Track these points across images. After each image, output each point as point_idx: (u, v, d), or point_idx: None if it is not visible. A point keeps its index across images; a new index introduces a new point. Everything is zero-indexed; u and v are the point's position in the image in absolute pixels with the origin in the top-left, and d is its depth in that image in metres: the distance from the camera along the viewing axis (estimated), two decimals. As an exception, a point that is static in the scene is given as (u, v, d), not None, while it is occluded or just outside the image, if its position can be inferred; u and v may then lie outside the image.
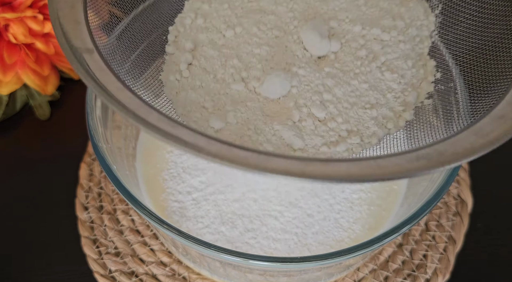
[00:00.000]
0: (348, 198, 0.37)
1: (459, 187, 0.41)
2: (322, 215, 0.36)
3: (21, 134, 0.46)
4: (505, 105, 0.23)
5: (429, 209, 0.29)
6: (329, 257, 0.27)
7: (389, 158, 0.21)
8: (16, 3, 0.43)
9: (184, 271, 0.37)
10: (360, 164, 0.20)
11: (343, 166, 0.20)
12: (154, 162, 0.39)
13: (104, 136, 0.32)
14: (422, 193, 0.32)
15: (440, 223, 0.40)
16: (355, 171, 0.20)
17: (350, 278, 0.37)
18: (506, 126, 0.22)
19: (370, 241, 0.28)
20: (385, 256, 0.38)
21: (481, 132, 0.22)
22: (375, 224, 0.36)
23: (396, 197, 0.37)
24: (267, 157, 0.20)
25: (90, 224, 0.40)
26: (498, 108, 0.23)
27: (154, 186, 0.38)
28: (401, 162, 0.21)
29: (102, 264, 0.38)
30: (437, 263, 0.38)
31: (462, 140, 0.22)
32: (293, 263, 0.27)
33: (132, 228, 0.39)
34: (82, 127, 0.35)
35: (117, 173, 0.30)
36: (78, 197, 0.41)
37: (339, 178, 0.20)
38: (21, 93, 0.46)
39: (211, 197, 0.37)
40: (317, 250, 0.35)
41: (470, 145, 0.22)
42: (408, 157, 0.21)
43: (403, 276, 0.37)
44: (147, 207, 0.29)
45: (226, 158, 0.19)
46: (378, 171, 0.20)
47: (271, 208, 0.36)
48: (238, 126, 0.27)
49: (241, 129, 0.27)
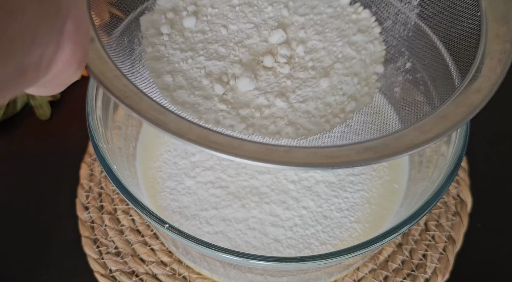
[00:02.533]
0: (349, 197, 0.37)
1: (458, 187, 0.41)
2: (323, 215, 0.36)
3: (21, 134, 0.46)
4: (450, 106, 0.25)
5: (429, 209, 0.29)
6: (329, 257, 0.27)
7: (341, 148, 0.23)
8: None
9: (184, 271, 0.37)
10: (316, 153, 0.23)
11: (302, 154, 0.23)
12: (153, 162, 0.39)
13: (104, 136, 0.32)
14: (422, 193, 0.32)
15: (440, 223, 0.40)
16: (311, 159, 0.23)
17: (350, 278, 0.37)
18: (446, 125, 0.24)
19: (370, 241, 0.28)
20: (384, 256, 0.38)
21: (423, 129, 0.24)
22: (376, 223, 0.36)
23: (396, 196, 0.37)
24: (240, 143, 0.23)
25: (90, 224, 0.40)
26: (442, 108, 0.25)
27: (154, 185, 0.38)
28: (350, 153, 0.23)
29: (103, 264, 0.38)
30: (437, 262, 0.38)
31: (406, 135, 0.24)
32: (293, 263, 0.27)
33: (133, 228, 0.40)
34: (82, 127, 0.35)
35: (117, 173, 0.30)
36: (79, 197, 0.41)
37: (297, 164, 0.22)
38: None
39: (211, 197, 0.37)
40: (319, 250, 0.35)
41: (411, 140, 0.24)
42: (357, 148, 0.23)
43: (403, 275, 0.37)
44: (147, 207, 0.29)
45: (204, 144, 0.22)
46: (330, 160, 0.23)
47: (272, 208, 0.36)
48: None
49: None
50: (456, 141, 0.31)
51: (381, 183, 0.38)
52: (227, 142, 0.23)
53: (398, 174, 0.39)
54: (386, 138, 0.24)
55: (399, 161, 0.39)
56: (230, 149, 0.22)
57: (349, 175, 0.38)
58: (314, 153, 0.23)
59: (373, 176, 0.38)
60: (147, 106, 0.23)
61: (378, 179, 0.38)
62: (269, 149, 0.23)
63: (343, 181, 0.38)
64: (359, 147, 0.23)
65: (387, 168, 0.39)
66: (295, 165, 0.22)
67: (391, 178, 0.38)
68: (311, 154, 0.23)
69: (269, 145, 0.23)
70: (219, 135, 0.23)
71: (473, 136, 0.40)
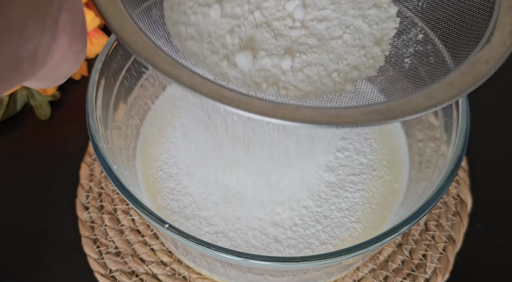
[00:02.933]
0: (350, 197, 0.37)
1: (458, 187, 0.41)
2: (323, 214, 0.36)
3: (21, 134, 0.46)
4: (457, 74, 0.26)
5: (429, 209, 0.29)
6: (329, 257, 0.27)
7: (347, 109, 0.24)
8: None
9: (184, 271, 0.37)
10: (322, 112, 0.24)
11: (308, 112, 0.24)
12: (152, 161, 0.39)
13: (104, 136, 0.32)
14: (422, 193, 0.32)
15: (440, 223, 0.40)
16: (317, 117, 0.23)
17: (350, 278, 0.37)
18: (452, 92, 0.25)
19: (370, 241, 0.28)
20: (384, 256, 0.38)
21: (429, 95, 0.25)
22: (376, 223, 0.36)
23: (396, 196, 0.37)
24: (249, 99, 0.24)
25: (90, 224, 0.40)
26: (450, 76, 0.26)
27: (154, 185, 0.38)
28: (356, 114, 0.24)
29: (103, 264, 0.38)
30: (437, 262, 0.38)
31: (412, 100, 0.25)
32: (293, 263, 0.27)
33: (133, 228, 0.40)
34: (82, 127, 0.35)
35: (117, 173, 0.30)
36: (79, 197, 0.41)
37: (304, 121, 0.23)
38: (22, 93, 0.46)
39: (211, 197, 0.37)
40: (319, 249, 0.35)
41: (416, 105, 0.24)
42: (363, 110, 0.24)
43: (403, 275, 0.37)
44: (147, 207, 0.29)
45: (216, 98, 0.23)
46: (336, 119, 0.23)
47: (272, 208, 0.36)
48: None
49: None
50: (456, 141, 0.31)
51: (381, 183, 0.38)
52: (237, 98, 0.23)
53: (398, 174, 0.39)
54: (392, 103, 0.25)
55: (399, 161, 0.39)
56: (240, 103, 0.23)
57: (350, 174, 0.38)
58: (321, 112, 0.24)
59: (374, 176, 0.38)
60: (163, 60, 0.24)
61: (379, 178, 0.38)
62: (278, 106, 0.24)
63: (344, 181, 0.38)
64: (365, 109, 0.24)
65: (387, 168, 0.39)
66: (302, 122, 0.23)
67: (391, 177, 0.38)
68: (318, 112, 0.24)
69: (278, 102, 0.24)
70: (230, 91, 0.24)
71: (473, 136, 0.40)
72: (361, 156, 0.39)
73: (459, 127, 0.32)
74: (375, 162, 0.39)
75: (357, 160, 0.39)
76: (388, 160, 0.39)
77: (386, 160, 0.39)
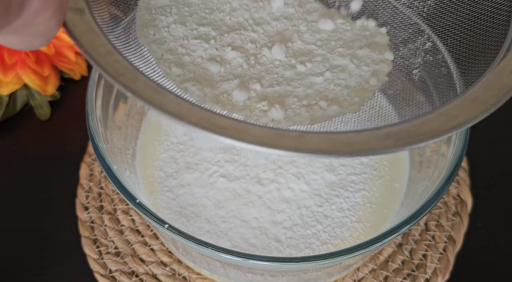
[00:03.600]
0: (350, 197, 0.37)
1: (458, 187, 0.41)
2: (324, 214, 0.36)
3: (21, 134, 0.46)
4: (479, 89, 0.23)
5: (429, 209, 0.29)
6: (329, 257, 0.27)
7: (360, 133, 0.21)
8: (16, 3, 0.43)
9: (184, 271, 0.37)
10: (331, 139, 0.21)
11: (315, 140, 0.21)
12: (152, 161, 0.39)
13: (104, 136, 0.32)
14: (422, 193, 0.32)
15: (440, 223, 0.40)
16: (326, 146, 0.21)
17: (350, 278, 0.37)
18: (477, 109, 0.22)
19: (370, 241, 0.28)
20: (385, 256, 0.38)
21: (451, 113, 0.22)
22: (377, 222, 0.36)
23: (397, 195, 0.37)
24: (246, 126, 0.21)
25: (90, 224, 0.40)
26: (471, 91, 0.23)
27: (154, 186, 0.38)
28: (370, 140, 0.21)
29: (102, 264, 0.38)
30: (437, 263, 0.38)
31: (432, 121, 0.22)
32: (293, 263, 0.27)
33: (132, 228, 0.40)
34: (82, 127, 0.35)
35: (117, 173, 0.30)
36: (78, 197, 0.41)
37: (311, 151, 0.20)
38: (22, 93, 0.46)
39: (211, 197, 0.37)
40: (320, 249, 0.35)
41: (438, 126, 0.21)
42: (378, 134, 0.21)
43: (403, 276, 0.37)
44: (147, 207, 0.29)
45: (206, 127, 0.20)
46: (347, 147, 0.21)
47: (272, 207, 0.36)
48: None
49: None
50: (457, 141, 0.31)
51: (382, 182, 0.38)
52: (232, 126, 0.21)
53: (399, 173, 0.39)
54: (409, 123, 0.22)
55: (399, 160, 0.39)
56: (236, 133, 0.20)
57: (350, 174, 0.38)
58: (330, 138, 0.21)
59: (374, 176, 0.38)
60: (143, 85, 0.21)
61: (379, 178, 0.38)
62: (279, 134, 0.21)
63: (344, 181, 0.38)
64: (379, 133, 0.21)
65: (387, 167, 0.39)
66: (309, 152, 0.20)
67: (391, 177, 0.38)
68: (326, 140, 0.21)
69: (279, 130, 0.21)
70: (223, 117, 0.21)
71: (473, 136, 0.40)
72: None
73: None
74: (376, 162, 0.39)
75: (357, 160, 0.39)
76: (389, 160, 0.39)
77: (386, 159, 0.39)
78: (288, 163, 0.38)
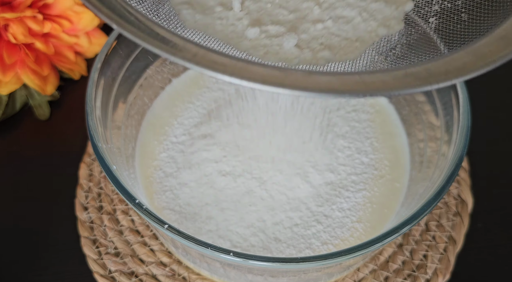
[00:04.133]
0: (351, 197, 0.37)
1: (459, 187, 0.41)
2: (324, 214, 0.36)
3: (20, 134, 0.46)
4: (508, 26, 0.21)
5: (430, 209, 0.29)
6: (329, 257, 0.27)
7: (375, 74, 0.19)
8: (15, 3, 0.42)
9: (184, 271, 0.37)
10: (343, 78, 0.19)
11: (324, 78, 0.19)
12: (151, 161, 0.39)
13: (103, 136, 0.32)
14: (423, 193, 0.32)
15: (440, 223, 0.40)
16: (336, 84, 0.19)
17: (350, 278, 0.37)
18: (508, 47, 0.20)
19: (370, 241, 0.28)
20: (385, 256, 0.38)
21: (478, 52, 0.20)
22: (377, 222, 0.36)
23: (397, 195, 0.37)
24: (246, 65, 0.19)
25: (89, 224, 0.40)
26: (501, 28, 0.21)
27: (153, 186, 0.38)
28: (387, 79, 0.19)
29: (102, 264, 0.38)
30: (437, 263, 0.38)
31: (456, 60, 0.20)
32: (293, 263, 0.27)
33: (132, 228, 0.39)
34: (81, 127, 0.35)
35: (116, 173, 0.30)
36: (78, 197, 0.41)
37: (320, 90, 0.18)
38: (21, 93, 0.46)
39: (211, 197, 0.37)
40: (320, 249, 0.35)
41: (463, 64, 0.20)
42: (396, 74, 0.19)
43: (403, 276, 0.37)
44: (146, 207, 0.29)
45: (203, 64, 0.18)
46: (361, 86, 0.18)
47: (272, 207, 0.36)
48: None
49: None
50: (457, 141, 0.31)
51: (382, 182, 0.38)
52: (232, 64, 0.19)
53: (400, 173, 0.39)
54: (431, 63, 0.20)
55: (400, 160, 0.39)
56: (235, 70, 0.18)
57: (351, 174, 0.38)
58: (341, 78, 0.19)
59: (375, 175, 0.38)
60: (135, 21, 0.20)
61: (380, 178, 0.38)
62: (284, 72, 0.19)
63: (345, 180, 0.38)
64: (398, 72, 0.19)
65: (388, 167, 0.39)
66: (317, 91, 0.18)
67: (392, 177, 0.38)
68: (337, 78, 0.19)
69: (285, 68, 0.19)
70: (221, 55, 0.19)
71: (474, 136, 0.40)
72: (362, 156, 0.39)
73: (460, 127, 0.32)
74: (377, 162, 0.39)
75: (358, 160, 0.39)
76: (389, 160, 0.39)
77: (387, 159, 0.39)
78: (289, 163, 0.37)
